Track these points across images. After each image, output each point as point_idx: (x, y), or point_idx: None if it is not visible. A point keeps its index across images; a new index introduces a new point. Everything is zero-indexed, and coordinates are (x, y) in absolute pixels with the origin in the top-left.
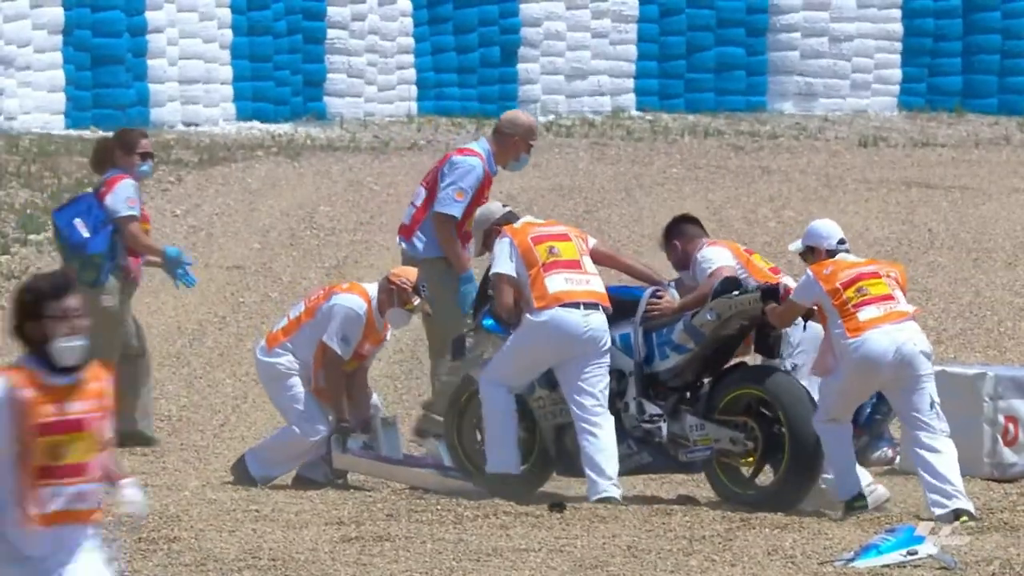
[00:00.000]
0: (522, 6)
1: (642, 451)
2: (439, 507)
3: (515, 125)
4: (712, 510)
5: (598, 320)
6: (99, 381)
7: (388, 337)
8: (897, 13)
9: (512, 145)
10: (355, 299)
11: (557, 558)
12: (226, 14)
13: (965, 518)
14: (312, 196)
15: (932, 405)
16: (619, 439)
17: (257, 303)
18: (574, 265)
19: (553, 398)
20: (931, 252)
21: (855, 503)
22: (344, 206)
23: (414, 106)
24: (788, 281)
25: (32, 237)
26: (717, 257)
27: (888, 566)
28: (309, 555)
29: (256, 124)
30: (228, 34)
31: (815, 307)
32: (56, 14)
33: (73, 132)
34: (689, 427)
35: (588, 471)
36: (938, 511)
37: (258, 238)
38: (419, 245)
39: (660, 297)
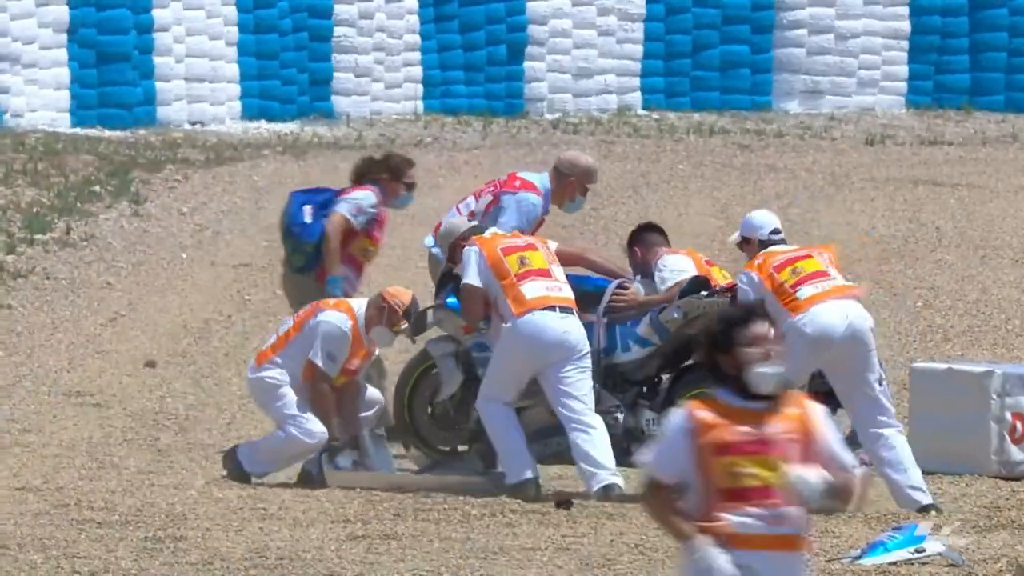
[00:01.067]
0: (529, 4)
1: None
2: (446, 506)
3: (573, 166)
4: None
5: (575, 324)
6: (799, 408)
7: (376, 352)
8: (904, 10)
9: (568, 186)
10: (340, 316)
11: (564, 556)
12: (232, 12)
13: (934, 512)
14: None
15: (882, 382)
16: None
17: (264, 301)
18: (545, 274)
19: None
20: (938, 250)
21: None
22: None
23: (420, 104)
24: None
25: (38, 236)
26: (679, 267)
27: (895, 563)
28: (316, 553)
29: (263, 123)
30: (234, 32)
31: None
32: (61, 12)
33: (79, 130)
34: (646, 421)
35: (585, 466)
36: (913, 505)
37: (265, 236)
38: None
39: (626, 289)
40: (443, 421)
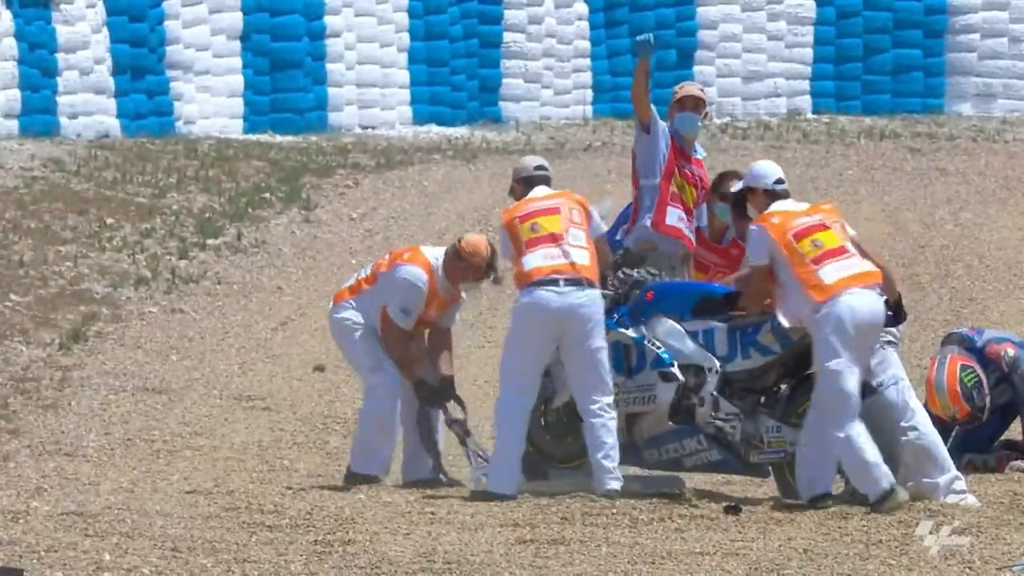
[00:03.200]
0: (699, 9)
1: (711, 448)
2: (614, 510)
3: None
4: (890, 514)
5: (579, 296)
6: None
7: (464, 296)
8: None
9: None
10: (416, 271)
11: (732, 561)
12: (403, 19)
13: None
14: (488, 199)
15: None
16: (689, 434)
17: None
18: (557, 239)
19: (627, 387)
20: None
21: (819, 502)
22: None
23: (589, 109)
24: None
25: (210, 242)
26: None
27: None
28: (484, 558)
29: (433, 127)
30: (405, 38)
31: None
32: (235, 19)
33: (251, 137)
34: (765, 428)
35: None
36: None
37: (434, 240)
38: None
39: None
40: (556, 429)
